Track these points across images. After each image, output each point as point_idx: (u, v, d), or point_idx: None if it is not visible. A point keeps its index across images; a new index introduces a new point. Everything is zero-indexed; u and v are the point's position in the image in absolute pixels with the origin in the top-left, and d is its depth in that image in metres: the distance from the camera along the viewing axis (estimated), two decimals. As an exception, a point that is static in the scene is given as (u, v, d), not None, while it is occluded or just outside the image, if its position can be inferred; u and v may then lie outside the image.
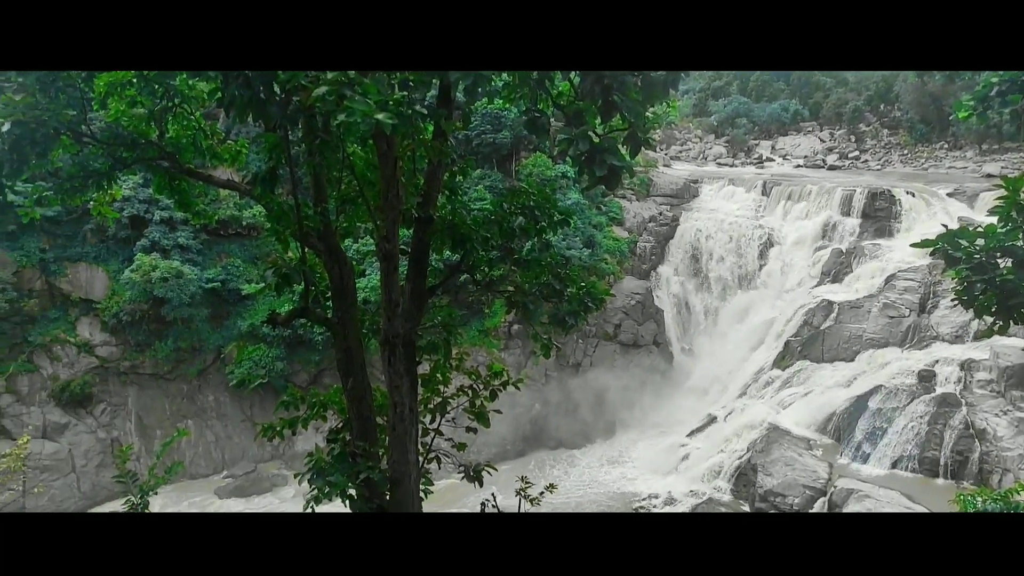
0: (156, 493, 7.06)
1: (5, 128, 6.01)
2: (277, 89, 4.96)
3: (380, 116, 4.57)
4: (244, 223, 38.61)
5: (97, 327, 36.43)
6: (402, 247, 7.15)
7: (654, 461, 32.86)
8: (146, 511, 6.68)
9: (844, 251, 36.47)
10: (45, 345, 35.38)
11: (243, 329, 36.84)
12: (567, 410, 36.10)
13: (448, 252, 7.77)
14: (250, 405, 37.25)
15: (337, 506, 6.64)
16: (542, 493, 7.36)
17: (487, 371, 7.91)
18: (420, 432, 7.43)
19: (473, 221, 7.34)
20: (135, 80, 7.05)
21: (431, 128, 6.90)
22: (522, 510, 7.21)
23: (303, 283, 7.08)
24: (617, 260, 40.45)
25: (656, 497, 29.57)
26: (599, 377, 36.98)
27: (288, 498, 32.72)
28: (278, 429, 7.68)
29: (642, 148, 5.31)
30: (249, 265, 38.66)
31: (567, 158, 5.11)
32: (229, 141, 9.19)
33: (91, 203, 8.96)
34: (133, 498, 6.86)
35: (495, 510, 7.25)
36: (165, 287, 34.27)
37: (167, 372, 36.88)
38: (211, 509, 32.20)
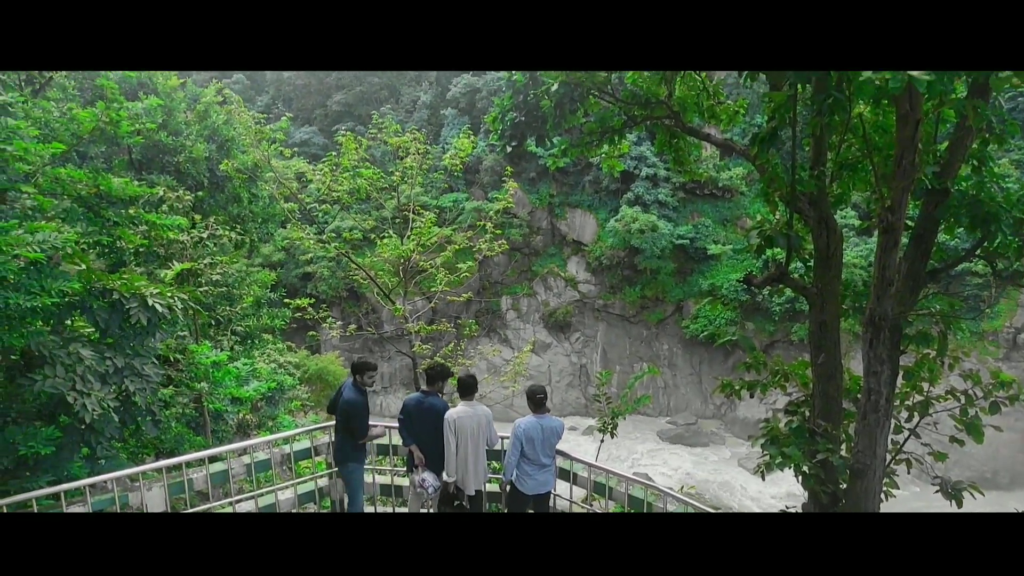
0: (624, 418, 7.91)
1: (554, 88, 7.29)
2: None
3: (914, 72, 4.11)
4: (720, 184, 39.52)
5: (582, 266, 42.21)
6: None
7: None
8: (614, 432, 7.63)
9: None
10: (542, 275, 42.59)
11: (703, 287, 38.27)
12: (1088, 451, 28.27)
13: (959, 232, 6.66)
14: (699, 361, 38.72)
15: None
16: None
17: (992, 378, 6.63)
18: (892, 428, 6.68)
19: (1005, 199, 6.09)
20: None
21: (960, 87, 5.89)
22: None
23: (786, 248, 6.91)
24: None
25: None
26: None
27: (726, 458, 33.36)
28: (736, 388, 7.77)
29: None
30: (718, 226, 39.60)
31: None
32: (728, 102, 9.38)
33: (602, 156, 10.23)
34: (605, 417, 7.83)
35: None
36: (641, 238, 37.67)
37: (631, 315, 40.76)
38: (651, 447, 34.84)
